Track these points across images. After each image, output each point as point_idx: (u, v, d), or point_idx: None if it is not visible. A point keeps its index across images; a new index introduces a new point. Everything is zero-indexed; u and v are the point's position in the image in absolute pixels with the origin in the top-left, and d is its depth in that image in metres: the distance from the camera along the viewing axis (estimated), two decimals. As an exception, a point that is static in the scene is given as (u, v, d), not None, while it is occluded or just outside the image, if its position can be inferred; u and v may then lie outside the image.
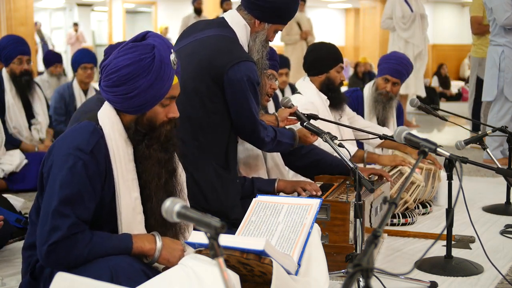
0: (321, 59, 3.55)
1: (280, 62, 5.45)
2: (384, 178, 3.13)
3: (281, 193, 2.91)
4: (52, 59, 6.69)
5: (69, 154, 1.86)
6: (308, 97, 3.48)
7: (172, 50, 1.96)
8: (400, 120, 4.36)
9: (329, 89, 3.55)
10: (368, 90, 4.16)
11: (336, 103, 3.60)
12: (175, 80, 1.98)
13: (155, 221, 1.99)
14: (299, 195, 2.86)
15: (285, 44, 9.00)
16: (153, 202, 1.97)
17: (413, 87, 7.57)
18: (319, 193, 2.80)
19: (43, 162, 1.94)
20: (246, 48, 2.72)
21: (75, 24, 16.90)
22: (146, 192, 1.98)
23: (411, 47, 7.50)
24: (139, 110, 1.96)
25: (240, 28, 2.71)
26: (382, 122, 4.10)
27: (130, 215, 1.95)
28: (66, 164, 1.85)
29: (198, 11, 9.56)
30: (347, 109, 3.77)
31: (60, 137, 1.96)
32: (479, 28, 6.31)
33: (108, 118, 1.96)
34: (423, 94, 7.94)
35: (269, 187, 2.87)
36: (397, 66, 3.97)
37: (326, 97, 3.53)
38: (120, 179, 1.93)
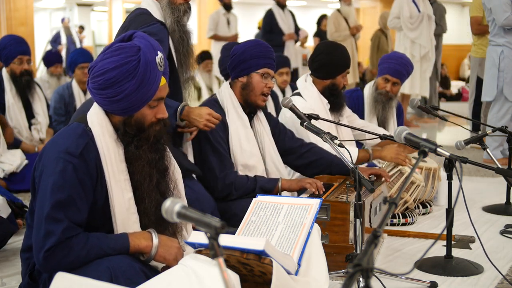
0: (331, 65, 3.50)
1: (280, 62, 5.46)
2: (383, 178, 3.12)
3: (284, 192, 2.91)
4: (52, 59, 6.69)
5: (59, 158, 1.85)
6: (309, 102, 3.47)
7: (158, 52, 1.94)
8: (400, 120, 4.35)
9: (331, 94, 3.54)
10: (368, 90, 4.16)
11: (336, 107, 3.59)
12: (163, 81, 1.97)
13: (149, 221, 1.98)
14: (299, 194, 2.86)
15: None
16: (146, 202, 1.97)
17: (419, 87, 7.56)
18: (323, 190, 2.80)
19: (35, 166, 1.94)
20: (163, 19, 2.85)
21: (81, 27, 16.51)
22: (139, 193, 1.98)
23: (418, 47, 7.45)
24: (126, 112, 1.95)
25: (149, 3, 2.87)
26: (382, 122, 4.09)
27: (125, 216, 1.94)
28: (56, 168, 1.84)
29: (227, 6, 8.84)
30: (346, 109, 3.76)
31: (50, 141, 1.95)
32: (479, 28, 6.31)
33: (97, 120, 1.96)
34: (427, 95, 7.92)
35: (271, 186, 2.87)
36: (397, 66, 3.97)
37: (327, 101, 3.53)
38: (112, 180, 1.92)
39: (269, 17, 8.23)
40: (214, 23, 8.70)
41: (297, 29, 8.36)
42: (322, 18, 11.04)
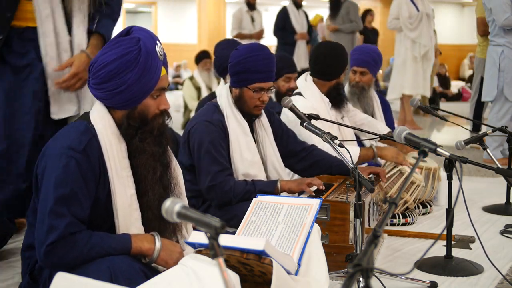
0: (337, 66, 3.53)
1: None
2: (380, 178, 3.12)
3: (284, 193, 2.89)
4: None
5: (62, 154, 1.86)
6: (310, 101, 3.48)
7: (157, 42, 1.96)
8: (388, 114, 4.36)
9: (338, 93, 3.59)
10: (346, 88, 4.19)
11: (339, 103, 3.62)
12: (163, 71, 1.98)
13: (152, 215, 1.99)
14: (299, 194, 2.86)
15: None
16: (149, 195, 1.98)
17: (422, 88, 7.53)
18: (323, 187, 2.79)
19: (37, 163, 1.94)
20: None
21: None
22: (142, 186, 1.98)
23: (418, 47, 7.42)
24: (129, 105, 1.95)
25: None
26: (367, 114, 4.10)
27: (127, 212, 1.95)
28: (59, 163, 1.85)
29: (251, 5, 8.57)
30: (348, 106, 3.78)
31: (53, 138, 1.96)
32: (486, 29, 6.27)
33: (99, 116, 1.96)
34: (428, 94, 7.89)
35: (270, 189, 2.85)
36: (360, 56, 4.03)
37: (328, 99, 3.54)
38: (115, 177, 1.93)
39: (283, 14, 8.17)
40: (237, 22, 8.53)
41: (310, 30, 8.30)
42: (366, 14, 10.34)
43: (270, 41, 9.20)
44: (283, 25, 8.14)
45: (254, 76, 2.83)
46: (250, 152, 2.92)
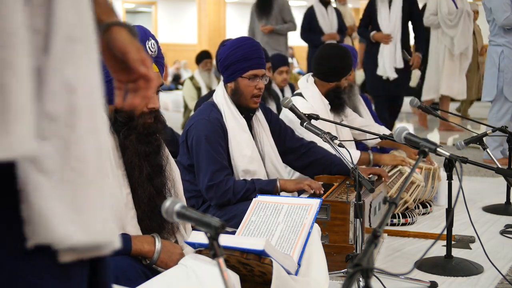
0: (339, 68, 3.53)
1: (280, 60, 5.58)
2: (383, 178, 3.13)
3: (282, 192, 2.89)
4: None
5: None
6: (310, 102, 3.48)
7: (150, 38, 1.97)
8: (371, 111, 4.37)
9: (336, 96, 3.57)
10: None
11: (339, 107, 3.61)
12: (155, 68, 1.98)
13: (142, 214, 1.98)
14: (299, 194, 2.86)
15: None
16: (139, 193, 1.97)
17: (456, 89, 7.22)
18: (322, 190, 2.79)
19: None
20: None
21: None
22: (131, 184, 1.98)
23: (457, 45, 7.09)
24: None
25: None
26: (354, 110, 4.08)
27: (123, 211, 1.95)
28: None
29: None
30: (347, 110, 3.77)
31: None
32: None
33: None
34: (464, 96, 7.55)
35: (270, 188, 2.85)
36: None
37: (327, 102, 3.54)
38: (111, 175, 1.92)
39: (309, 15, 7.44)
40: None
41: (342, 28, 7.54)
42: (423, 9, 10.04)
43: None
44: (309, 26, 7.37)
45: (245, 64, 2.86)
46: (249, 148, 2.93)
